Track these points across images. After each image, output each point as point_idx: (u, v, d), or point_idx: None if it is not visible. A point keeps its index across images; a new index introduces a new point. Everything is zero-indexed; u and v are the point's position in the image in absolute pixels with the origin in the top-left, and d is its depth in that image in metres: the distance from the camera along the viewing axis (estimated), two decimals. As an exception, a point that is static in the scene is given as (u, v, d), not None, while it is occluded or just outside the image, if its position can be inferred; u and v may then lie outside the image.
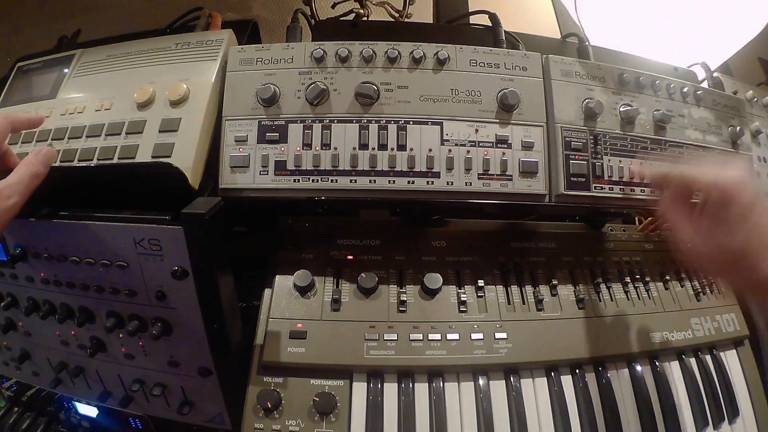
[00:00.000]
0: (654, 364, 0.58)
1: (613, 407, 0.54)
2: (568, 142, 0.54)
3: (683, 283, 0.65)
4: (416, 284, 0.58)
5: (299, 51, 0.54)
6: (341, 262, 0.59)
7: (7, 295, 0.57)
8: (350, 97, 0.53)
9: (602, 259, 0.64)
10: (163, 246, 0.47)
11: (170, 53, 0.58)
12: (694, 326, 0.61)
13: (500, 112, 0.54)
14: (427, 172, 0.52)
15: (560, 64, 0.56)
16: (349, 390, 0.52)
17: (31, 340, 0.59)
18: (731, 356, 0.63)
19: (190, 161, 0.50)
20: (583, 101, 0.56)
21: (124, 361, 0.55)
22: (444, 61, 0.54)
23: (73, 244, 0.51)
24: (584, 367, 0.56)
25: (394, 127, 0.53)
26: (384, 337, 0.53)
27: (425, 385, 0.53)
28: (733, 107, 0.66)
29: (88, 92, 0.58)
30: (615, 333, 0.58)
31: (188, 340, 0.51)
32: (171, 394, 0.56)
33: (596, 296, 0.60)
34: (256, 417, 0.50)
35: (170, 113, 0.53)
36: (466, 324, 0.55)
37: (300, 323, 0.54)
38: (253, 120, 0.53)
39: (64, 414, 0.69)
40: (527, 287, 0.60)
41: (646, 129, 0.58)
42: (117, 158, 0.51)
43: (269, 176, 0.52)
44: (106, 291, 0.51)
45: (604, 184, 0.55)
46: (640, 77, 0.59)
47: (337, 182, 0.52)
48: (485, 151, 0.53)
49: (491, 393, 0.53)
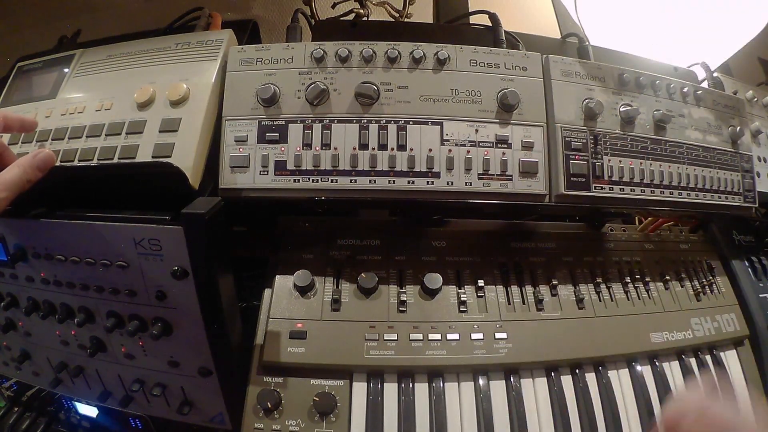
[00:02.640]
0: (654, 364, 0.58)
1: (613, 407, 0.54)
2: (568, 142, 0.54)
3: (683, 283, 0.65)
4: (416, 284, 0.58)
5: (299, 51, 0.54)
6: (341, 262, 0.59)
7: (7, 295, 0.57)
8: (350, 97, 0.53)
9: (602, 259, 0.64)
10: (163, 246, 0.47)
11: (170, 53, 0.57)
12: (694, 326, 0.61)
13: (500, 112, 0.54)
14: (427, 172, 0.52)
15: (560, 64, 0.56)
16: (349, 390, 0.52)
17: (31, 340, 0.59)
18: (731, 356, 0.63)
19: (190, 161, 0.50)
20: (583, 101, 0.56)
21: (124, 361, 0.55)
22: (444, 61, 0.54)
23: (73, 244, 0.51)
24: (584, 367, 0.56)
25: (394, 127, 0.53)
26: (384, 337, 0.53)
27: (425, 385, 0.53)
28: (733, 107, 0.66)
29: (88, 92, 0.58)
30: (615, 333, 0.58)
31: (188, 340, 0.51)
32: (171, 394, 0.56)
33: (596, 296, 0.60)
34: (256, 417, 0.50)
35: (170, 113, 0.53)
36: (466, 324, 0.55)
37: (300, 323, 0.54)
38: (253, 120, 0.53)
39: (64, 414, 0.69)
40: (527, 287, 0.60)
41: (646, 129, 0.58)
42: (117, 158, 0.51)
43: (269, 176, 0.52)
44: (106, 291, 0.51)
45: (604, 184, 0.55)
46: (640, 77, 0.59)
47: (337, 182, 0.52)
48: (485, 151, 0.53)
49: (491, 393, 0.53)
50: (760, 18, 0.78)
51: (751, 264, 0.70)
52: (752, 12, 0.77)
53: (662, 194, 0.58)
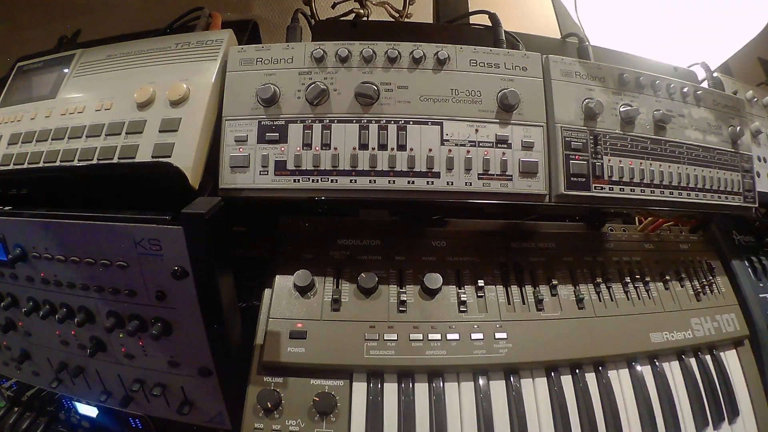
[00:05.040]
0: (654, 364, 0.58)
1: (613, 407, 0.54)
2: (568, 142, 0.54)
3: (683, 283, 0.65)
4: (416, 284, 0.58)
5: (299, 51, 0.54)
6: (341, 262, 0.59)
7: (7, 295, 0.57)
8: (350, 97, 0.53)
9: (602, 259, 0.64)
10: (163, 246, 0.47)
11: (170, 53, 0.57)
12: (694, 326, 0.61)
13: (500, 112, 0.54)
14: (427, 172, 0.52)
15: (560, 64, 0.56)
16: (349, 390, 0.52)
17: (31, 340, 0.59)
18: (731, 356, 0.63)
19: (190, 161, 0.50)
20: (583, 101, 0.56)
21: (124, 361, 0.55)
22: (444, 61, 0.54)
23: (73, 244, 0.51)
24: (584, 367, 0.56)
25: (394, 127, 0.53)
26: (384, 337, 0.53)
27: (425, 385, 0.53)
28: (733, 107, 0.66)
29: (88, 92, 0.58)
30: (615, 333, 0.58)
31: (188, 340, 0.51)
32: (171, 394, 0.56)
33: (596, 296, 0.60)
34: (256, 417, 0.50)
35: (170, 113, 0.53)
36: (466, 324, 0.55)
37: (300, 323, 0.54)
38: (253, 120, 0.53)
39: (64, 414, 0.69)
40: (527, 287, 0.60)
41: (646, 129, 0.58)
42: (117, 158, 0.51)
43: (269, 176, 0.52)
44: (106, 291, 0.51)
45: (604, 184, 0.55)
46: (640, 77, 0.59)
47: (337, 182, 0.52)
48: (485, 151, 0.53)
49: (491, 393, 0.53)
50: (760, 18, 0.78)
51: (751, 264, 0.70)
52: (752, 12, 0.77)
53: (662, 194, 0.58)
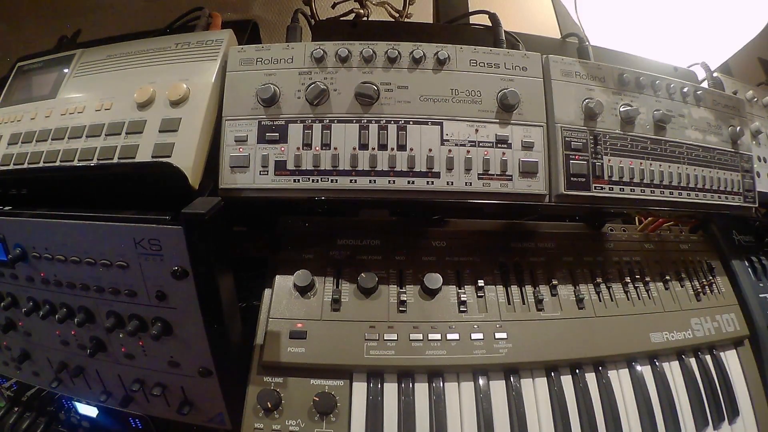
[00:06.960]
0: (654, 364, 0.58)
1: (613, 407, 0.54)
2: (568, 142, 0.54)
3: (683, 283, 0.65)
4: (416, 284, 0.58)
5: (299, 51, 0.54)
6: (341, 262, 0.59)
7: (7, 295, 0.57)
8: (350, 97, 0.53)
9: (602, 259, 0.64)
10: (163, 246, 0.47)
11: (170, 53, 0.57)
12: (694, 326, 0.61)
13: (500, 112, 0.54)
14: (427, 172, 0.52)
15: (560, 64, 0.56)
16: (349, 390, 0.52)
17: (31, 340, 0.59)
18: (731, 356, 0.63)
19: (190, 161, 0.50)
20: (583, 101, 0.56)
21: (124, 361, 0.55)
22: (444, 61, 0.54)
23: (73, 244, 0.51)
24: (584, 367, 0.56)
25: (394, 127, 0.53)
26: (384, 337, 0.53)
27: (425, 385, 0.53)
28: (733, 107, 0.66)
29: (88, 92, 0.58)
30: (615, 333, 0.58)
31: (188, 340, 0.51)
32: (171, 394, 0.56)
33: (596, 296, 0.60)
34: (256, 417, 0.50)
35: (170, 113, 0.53)
36: (466, 324, 0.55)
37: (300, 323, 0.54)
38: (253, 120, 0.53)
39: (64, 414, 0.69)
40: (527, 287, 0.60)
41: (646, 129, 0.58)
42: (117, 158, 0.51)
43: (269, 176, 0.52)
44: (106, 291, 0.51)
45: (604, 184, 0.55)
46: (640, 77, 0.59)
47: (337, 182, 0.52)
48: (485, 151, 0.53)
49: (491, 393, 0.53)
50: (760, 18, 0.78)
51: (751, 264, 0.70)
52: (752, 12, 0.77)
53: (662, 194, 0.58)
